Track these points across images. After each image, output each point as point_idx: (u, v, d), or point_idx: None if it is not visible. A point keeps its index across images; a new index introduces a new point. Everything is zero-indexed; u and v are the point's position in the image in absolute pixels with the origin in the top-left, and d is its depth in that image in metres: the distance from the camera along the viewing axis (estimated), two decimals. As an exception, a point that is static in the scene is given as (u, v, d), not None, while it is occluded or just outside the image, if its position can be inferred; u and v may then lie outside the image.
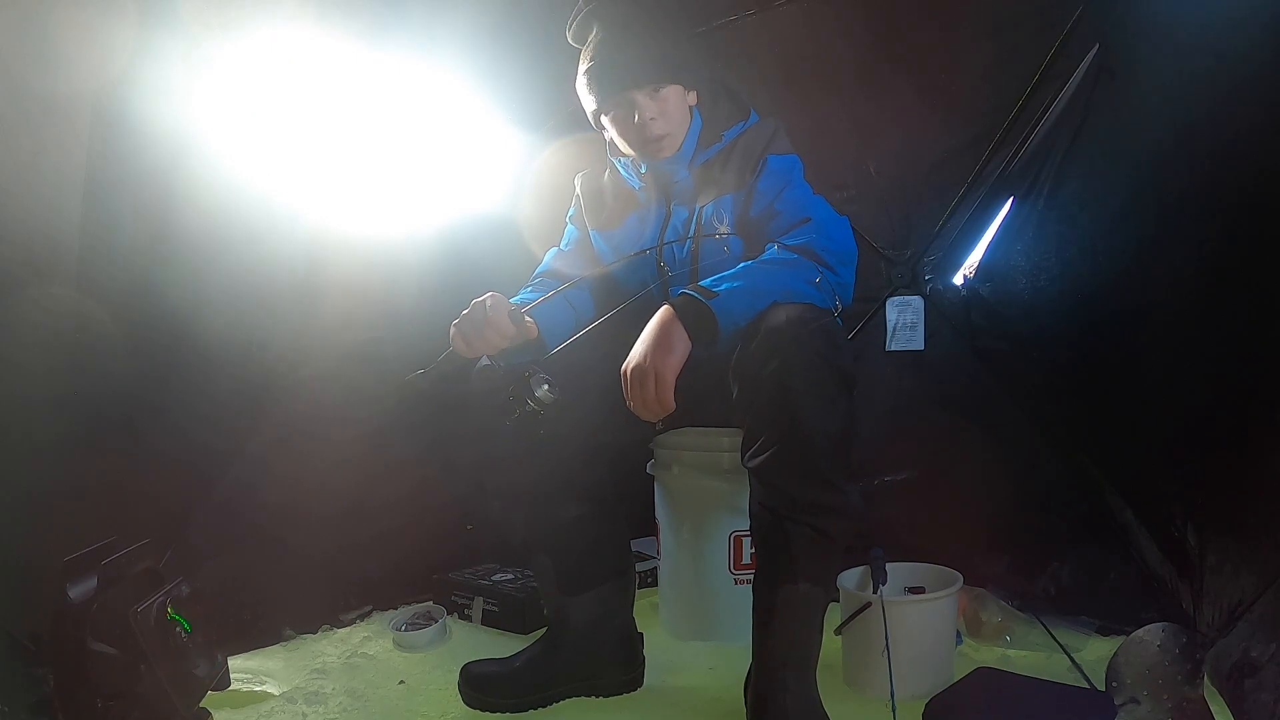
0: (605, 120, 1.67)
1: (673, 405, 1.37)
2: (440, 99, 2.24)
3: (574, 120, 1.70)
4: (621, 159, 1.74)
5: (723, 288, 1.41)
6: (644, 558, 2.32)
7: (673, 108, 1.63)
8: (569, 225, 1.90)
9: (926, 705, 1.55)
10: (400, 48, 2.11)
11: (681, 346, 1.37)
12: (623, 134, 1.66)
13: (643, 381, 1.37)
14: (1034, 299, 2.03)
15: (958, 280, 2.19)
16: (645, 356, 1.38)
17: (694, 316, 1.38)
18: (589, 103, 1.67)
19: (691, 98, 1.67)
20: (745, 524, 1.48)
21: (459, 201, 2.35)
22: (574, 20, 1.68)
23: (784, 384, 1.33)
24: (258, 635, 2.08)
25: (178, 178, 1.77)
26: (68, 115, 1.58)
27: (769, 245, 1.53)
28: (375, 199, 2.22)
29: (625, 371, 1.40)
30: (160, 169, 1.74)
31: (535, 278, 1.84)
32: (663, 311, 1.40)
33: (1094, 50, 1.89)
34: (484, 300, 1.57)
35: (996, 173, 2.08)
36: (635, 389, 1.38)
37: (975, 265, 2.16)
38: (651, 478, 2.07)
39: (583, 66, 1.65)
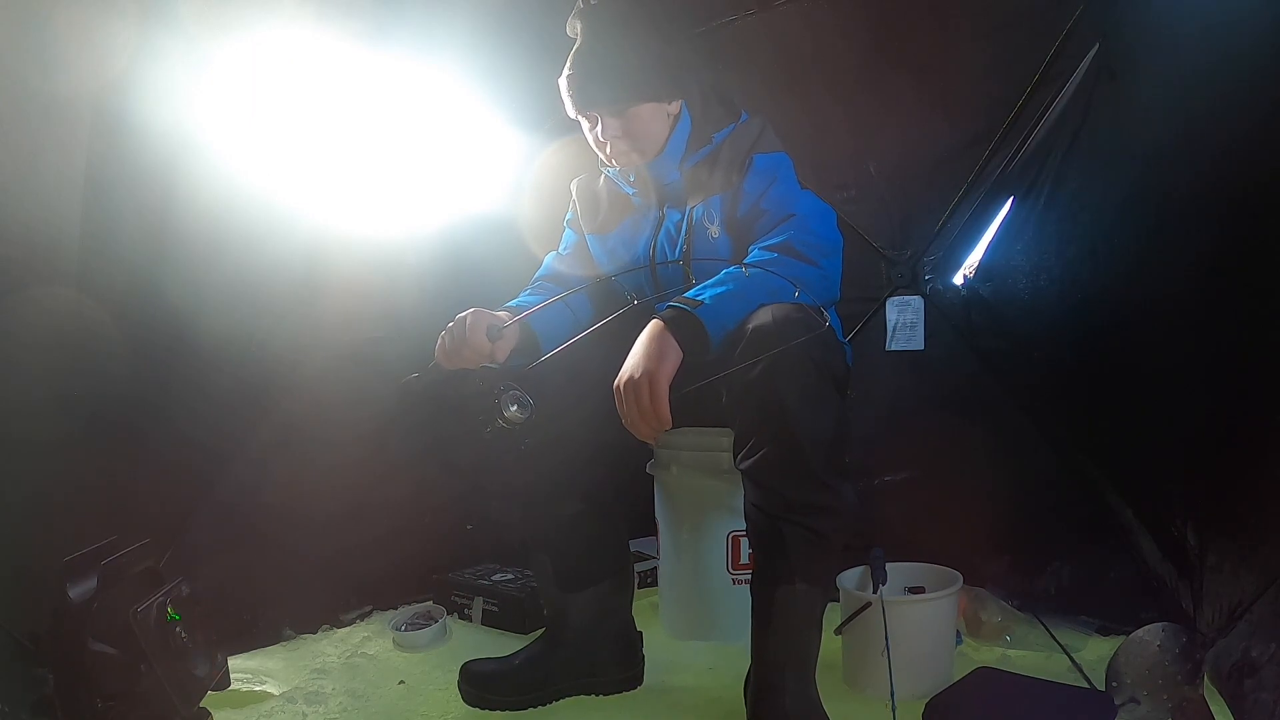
0: (582, 123, 1.68)
1: (669, 419, 1.35)
2: (440, 99, 2.24)
3: (574, 121, 1.70)
4: (610, 169, 1.74)
5: (707, 295, 1.41)
6: (644, 557, 2.32)
7: (641, 125, 1.62)
8: (566, 229, 1.90)
9: (926, 705, 1.55)
10: (400, 48, 2.11)
11: (673, 355, 1.36)
12: (593, 142, 1.68)
13: (637, 393, 1.34)
14: (1034, 299, 2.03)
15: (958, 280, 2.19)
16: (637, 368, 1.36)
17: (683, 327, 1.37)
18: (566, 108, 1.68)
19: (674, 106, 1.65)
20: (743, 524, 1.48)
21: (459, 202, 2.35)
22: (570, 15, 1.67)
23: (773, 385, 1.33)
24: (258, 635, 2.08)
25: (178, 178, 1.77)
26: (68, 115, 1.58)
27: (751, 247, 1.53)
28: (375, 199, 2.21)
29: (619, 386, 1.38)
30: (160, 169, 1.74)
31: (535, 281, 1.84)
32: (652, 325, 1.39)
33: (1094, 50, 1.89)
34: (464, 317, 1.56)
35: (996, 173, 2.08)
36: (630, 402, 1.36)
37: (975, 265, 2.16)
38: (651, 478, 2.07)
39: (564, 70, 1.65)
